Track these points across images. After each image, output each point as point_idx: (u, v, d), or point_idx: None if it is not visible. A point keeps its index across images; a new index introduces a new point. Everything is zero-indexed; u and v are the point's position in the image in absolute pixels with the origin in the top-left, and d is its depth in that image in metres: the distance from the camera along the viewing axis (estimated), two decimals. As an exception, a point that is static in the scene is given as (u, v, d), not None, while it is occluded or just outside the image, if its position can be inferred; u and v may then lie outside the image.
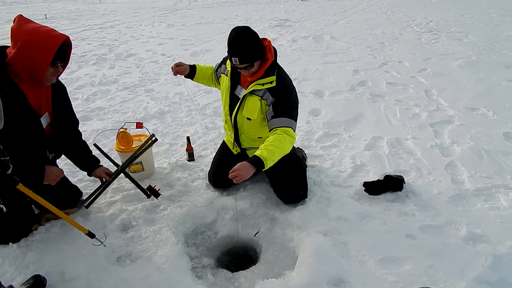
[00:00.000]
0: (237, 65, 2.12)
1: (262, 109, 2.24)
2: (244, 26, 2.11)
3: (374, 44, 7.45)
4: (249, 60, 2.09)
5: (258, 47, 2.11)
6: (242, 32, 2.07)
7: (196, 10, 13.77)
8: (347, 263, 1.92)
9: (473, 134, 3.40)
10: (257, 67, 2.16)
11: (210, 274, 2.02)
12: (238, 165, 1.92)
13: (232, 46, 2.08)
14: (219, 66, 2.55)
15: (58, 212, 1.78)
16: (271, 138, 2.09)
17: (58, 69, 1.83)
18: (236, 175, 1.88)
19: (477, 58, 6.14)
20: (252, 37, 2.08)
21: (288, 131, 2.12)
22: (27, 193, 1.61)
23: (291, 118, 2.16)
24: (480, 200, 2.47)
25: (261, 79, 2.18)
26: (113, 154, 3.14)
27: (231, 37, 2.08)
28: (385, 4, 14.24)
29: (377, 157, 3.02)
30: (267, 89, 2.18)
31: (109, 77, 5.55)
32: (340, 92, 4.72)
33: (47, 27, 1.77)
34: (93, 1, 17.06)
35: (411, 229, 2.17)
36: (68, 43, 1.84)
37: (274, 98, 2.17)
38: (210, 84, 2.72)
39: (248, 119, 2.31)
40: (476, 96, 4.40)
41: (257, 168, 1.94)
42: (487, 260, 1.92)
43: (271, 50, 2.18)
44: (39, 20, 10.78)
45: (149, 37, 8.67)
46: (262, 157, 1.94)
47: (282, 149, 2.06)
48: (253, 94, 2.22)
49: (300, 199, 2.42)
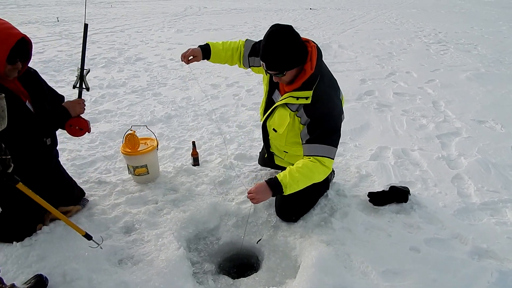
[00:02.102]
0: (266, 71, 1.89)
1: (293, 127, 2.00)
2: (281, 26, 1.76)
3: (382, 54, 7.45)
4: (278, 68, 1.80)
5: (292, 54, 1.77)
6: (276, 34, 1.74)
7: (205, 17, 13.90)
8: (350, 274, 1.90)
9: (480, 147, 3.37)
10: (291, 77, 1.87)
11: (211, 280, 2.01)
12: (256, 187, 1.80)
13: (262, 48, 1.79)
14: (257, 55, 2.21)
15: (56, 212, 1.77)
16: (300, 163, 1.85)
17: (16, 66, 1.83)
18: (253, 198, 1.78)
19: (485, 71, 6.10)
20: (287, 42, 1.74)
21: (324, 161, 1.84)
22: (27, 192, 1.60)
23: (330, 145, 1.87)
24: (487, 215, 2.44)
25: (297, 91, 1.89)
26: (119, 157, 3.17)
27: (264, 37, 1.78)
28: (393, 15, 14.26)
29: (383, 167, 3.00)
30: (301, 105, 1.89)
31: (117, 80, 5.61)
32: (346, 101, 4.71)
33: (7, 25, 1.77)
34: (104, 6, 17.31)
35: (416, 241, 2.15)
36: (27, 40, 1.85)
37: (310, 118, 1.87)
38: (230, 64, 2.39)
39: (274, 131, 2.12)
40: (484, 109, 4.36)
41: (274, 193, 1.81)
42: (492, 276, 1.88)
43: (312, 59, 1.84)
44: (50, 23, 10.98)
45: (158, 42, 8.75)
46: (283, 183, 1.78)
47: (310, 179, 1.84)
48: (285, 107, 1.97)
49: (288, 221, 2.32)
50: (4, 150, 1.27)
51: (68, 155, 3.18)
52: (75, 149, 3.30)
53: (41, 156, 2.13)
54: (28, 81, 2.05)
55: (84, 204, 2.42)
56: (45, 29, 10.00)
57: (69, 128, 2.16)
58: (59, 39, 8.64)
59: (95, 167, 3.02)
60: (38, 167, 2.13)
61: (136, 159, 2.60)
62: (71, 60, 6.67)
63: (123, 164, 3.03)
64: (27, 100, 2.00)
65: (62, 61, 6.64)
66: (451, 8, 16.50)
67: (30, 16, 12.39)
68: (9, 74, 1.84)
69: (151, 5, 18.53)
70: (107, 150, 3.31)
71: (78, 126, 2.17)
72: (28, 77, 2.06)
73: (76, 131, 2.18)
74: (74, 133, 2.18)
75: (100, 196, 2.57)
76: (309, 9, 16.77)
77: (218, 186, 2.73)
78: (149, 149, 2.63)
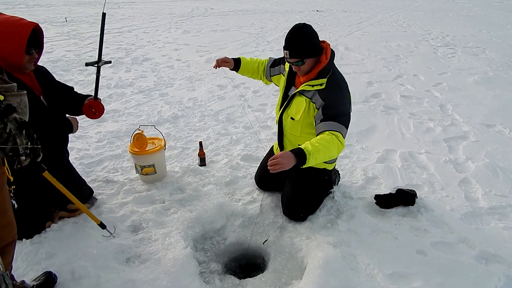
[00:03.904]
0: (288, 60, 2.09)
1: (308, 112, 2.15)
2: (304, 23, 2.09)
3: (389, 56, 7.43)
4: (299, 55, 2.04)
5: (312, 44, 2.06)
6: (299, 27, 2.05)
7: (212, 18, 13.96)
8: (356, 276, 1.90)
9: (488, 151, 3.34)
10: (309, 67, 2.11)
11: (218, 279, 2.02)
12: (280, 153, 1.80)
13: (286, 39, 2.07)
14: (277, 65, 2.53)
15: (76, 201, 1.87)
16: (318, 136, 1.95)
17: (33, 56, 1.87)
18: (276, 163, 1.76)
19: (494, 74, 6.06)
20: (308, 34, 2.05)
21: (338, 135, 1.96)
22: (52, 181, 1.74)
23: (341, 124, 2.01)
24: (494, 219, 2.42)
25: (312, 80, 2.12)
26: (126, 156, 3.20)
27: (289, 31, 2.07)
28: (401, 17, 14.21)
29: (389, 170, 2.99)
30: (316, 91, 2.10)
31: (125, 80, 5.66)
32: (353, 103, 4.61)
33: (16, 17, 1.80)
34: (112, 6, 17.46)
35: (423, 245, 2.14)
36: (39, 29, 1.88)
37: (324, 102, 2.06)
38: (255, 77, 2.68)
39: (291, 119, 2.25)
40: (492, 113, 4.34)
41: (298, 160, 1.79)
42: (500, 281, 1.87)
43: (327, 52, 2.12)
44: (59, 23, 11.09)
45: (165, 43, 8.81)
46: (306, 150, 1.80)
47: (329, 150, 1.89)
48: (301, 95, 2.17)
49: (296, 219, 2.36)
50: (35, 140, 1.33)
51: (76, 154, 3.22)
52: (83, 148, 3.33)
53: (54, 153, 2.17)
54: (40, 77, 2.10)
55: (93, 203, 2.44)
56: (54, 29, 10.12)
57: (87, 108, 2.26)
58: (67, 39, 8.74)
59: (102, 166, 3.04)
60: (51, 164, 2.17)
61: (143, 159, 2.62)
62: (79, 60, 6.74)
63: (130, 163, 3.05)
64: (41, 95, 2.05)
65: (70, 60, 6.71)
66: (459, 11, 16.41)
67: (39, 16, 12.53)
68: (28, 66, 1.87)
69: (158, 6, 18.66)
70: (114, 150, 3.34)
71: (96, 109, 2.27)
72: (39, 73, 2.11)
73: (92, 113, 2.28)
74: (88, 114, 2.28)
75: (108, 195, 2.60)
76: (315, 11, 16.77)
77: (224, 187, 2.74)
78: (156, 148, 2.65)
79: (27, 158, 1.29)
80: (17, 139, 1.23)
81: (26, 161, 1.29)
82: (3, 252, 1.44)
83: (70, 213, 2.28)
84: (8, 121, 1.20)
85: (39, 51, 1.94)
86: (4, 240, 1.46)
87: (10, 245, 1.50)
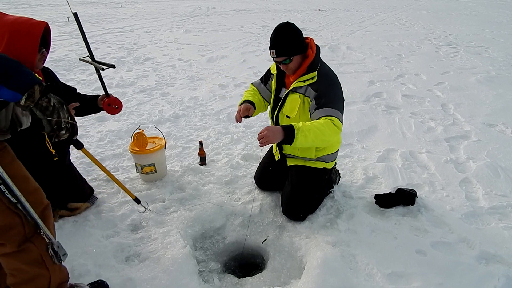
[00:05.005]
0: (275, 59, 2.10)
1: (304, 108, 2.16)
2: (287, 21, 2.11)
3: (390, 55, 7.41)
4: (286, 53, 2.06)
5: (297, 41, 2.07)
6: (283, 26, 2.07)
7: (213, 17, 13.97)
8: (355, 276, 1.90)
9: (489, 151, 3.33)
10: (297, 64, 2.13)
11: (217, 278, 2.02)
12: (268, 127, 1.85)
13: (271, 39, 2.08)
14: (266, 79, 2.47)
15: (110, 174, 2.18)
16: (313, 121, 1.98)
17: (43, 55, 1.89)
18: (263, 136, 1.81)
19: (496, 74, 6.03)
20: (291, 31, 2.06)
21: (333, 119, 1.96)
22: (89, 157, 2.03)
23: (335, 109, 2.02)
24: (495, 219, 2.41)
25: (303, 76, 2.13)
26: (127, 155, 3.21)
27: (273, 30, 2.08)
28: (403, 17, 14.16)
29: (390, 169, 2.99)
30: (308, 85, 2.12)
31: (126, 79, 5.67)
32: (354, 102, 4.70)
33: (25, 17, 1.81)
34: (114, 6, 17.50)
35: (422, 245, 2.13)
36: (47, 28, 1.89)
37: (316, 92, 2.09)
38: (264, 109, 2.54)
39: (287, 117, 2.25)
40: (494, 112, 4.31)
41: (285, 135, 1.84)
42: (499, 281, 1.86)
43: (312, 47, 2.14)
44: (61, 23, 11.12)
45: (167, 42, 8.82)
46: (296, 126, 1.84)
47: (322, 133, 1.90)
48: (294, 92, 2.18)
49: (296, 219, 2.36)
50: (73, 116, 1.38)
51: (77, 153, 3.22)
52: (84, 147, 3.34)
53: (58, 152, 2.19)
54: (47, 77, 2.14)
55: (93, 202, 2.45)
56: (56, 28, 10.15)
57: (108, 107, 2.35)
58: (69, 39, 8.77)
59: (103, 165, 3.04)
60: (52, 163, 2.18)
61: (144, 158, 2.63)
62: (81, 59, 6.76)
63: (131, 163, 3.06)
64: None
65: (72, 60, 6.73)
66: (462, 11, 16.34)
67: (41, 16, 12.57)
68: (38, 64, 1.89)
69: (160, 5, 18.68)
70: (115, 149, 3.35)
71: (115, 104, 2.36)
72: (46, 73, 2.14)
73: (113, 109, 2.37)
74: (111, 111, 2.37)
75: (108, 194, 2.61)
76: (317, 10, 16.74)
77: (224, 186, 2.75)
78: (157, 148, 2.66)
79: (67, 133, 1.34)
80: (60, 112, 1.28)
81: (65, 135, 1.34)
82: (43, 216, 1.46)
83: (70, 212, 2.29)
84: (51, 96, 1.25)
85: (47, 50, 1.96)
86: (40, 204, 1.48)
87: (47, 209, 1.52)
